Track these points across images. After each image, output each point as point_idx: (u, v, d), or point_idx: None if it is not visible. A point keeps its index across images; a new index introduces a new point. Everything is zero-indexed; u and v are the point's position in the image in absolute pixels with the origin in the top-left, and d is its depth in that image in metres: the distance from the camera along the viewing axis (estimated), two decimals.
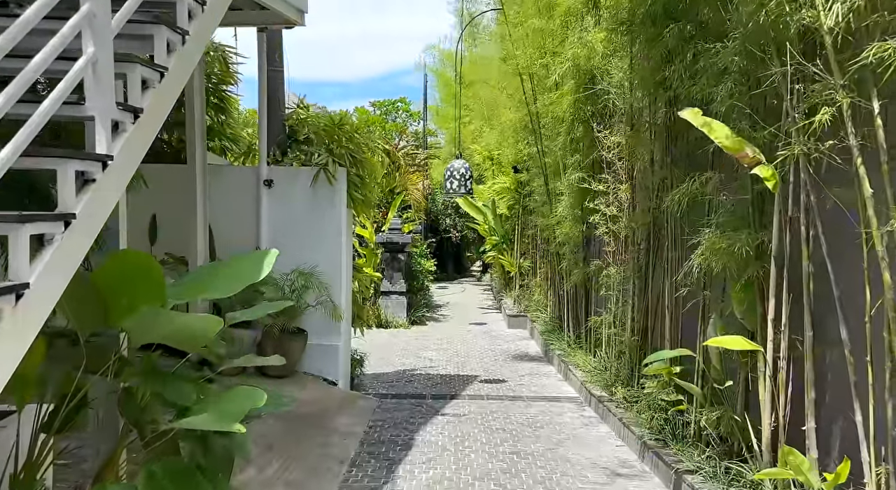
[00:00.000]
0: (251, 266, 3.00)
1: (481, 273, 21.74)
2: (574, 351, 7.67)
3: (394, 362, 8.81)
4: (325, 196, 6.42)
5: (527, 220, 11.94)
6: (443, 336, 10.85)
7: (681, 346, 4.62)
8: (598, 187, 6.09)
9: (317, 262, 6.35)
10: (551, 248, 9.04)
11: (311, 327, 6.39)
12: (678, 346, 4.68)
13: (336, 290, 6.42)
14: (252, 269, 2.97)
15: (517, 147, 10.57)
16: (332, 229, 6.46)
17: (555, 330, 9.12)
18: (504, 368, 8.43)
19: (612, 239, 6.10)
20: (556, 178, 8.21)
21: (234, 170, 6.76)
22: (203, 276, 3.57)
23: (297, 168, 6.44)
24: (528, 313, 11.39)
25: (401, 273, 11.91)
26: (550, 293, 9.87)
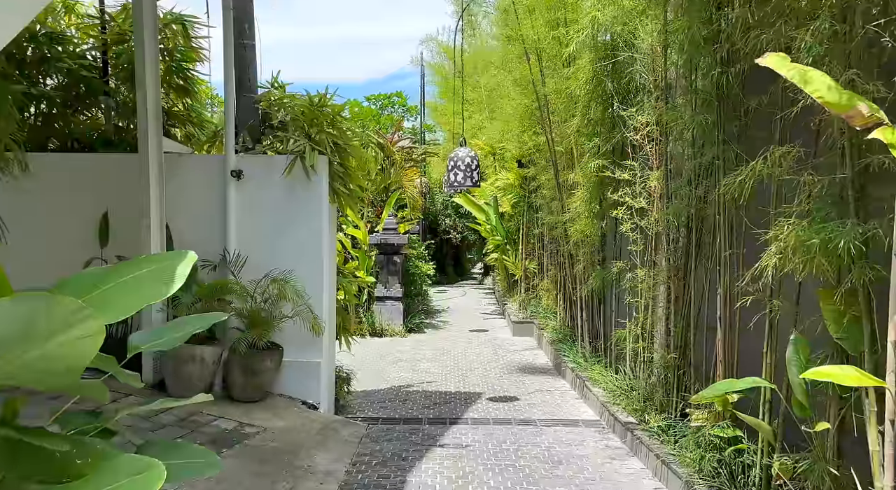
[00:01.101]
0: (156, 276, 2.04)
1: (482, 276, 20.84)
2: (591, 365, 6.75)
3: (387, 376, 7.90)
4: (304, 189, 5.50)
5: (532, 219, 11.03)
6: (442, 345, 9.94)
7: (738, 370, 3.71)
8: (623, 176, 5.18)
9: (293, 267, 5.44)
10: (562, 248, 8.13)
11: (288, 342, 5.47)
12: (734, 370, 3.76)
13: (317, 298, 5.50)
14: (156, 280, 2.01)
15: (522, 139, 9.65)
16: (312, 228, 5.55)
17: (566, 339, 8.20)
18: (511, 383, 7.51)
19: (639, 236, 5.19)
20: (569, 169, 7.30)
21: (197, 159, 5.84)
22: (84, 286, 2.58)
23: (271, 156, 5.53)
24: (534, 320, 10.48)
25: (396, 277, 11.00)
26: (560, 298, 8.95)
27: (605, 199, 5.95)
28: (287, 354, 5.48)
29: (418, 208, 12.80)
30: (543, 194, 8.81)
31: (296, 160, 5.40)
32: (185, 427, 4.72)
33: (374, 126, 12.34)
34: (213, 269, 5.52)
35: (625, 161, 5.27)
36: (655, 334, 4.97)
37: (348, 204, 6.02)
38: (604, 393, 5.99)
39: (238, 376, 5.25)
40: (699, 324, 4.30)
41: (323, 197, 5.55)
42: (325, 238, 5.63)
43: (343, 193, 5.73)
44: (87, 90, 5.87)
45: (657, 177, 4.80)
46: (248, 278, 5.40)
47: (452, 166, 6.41)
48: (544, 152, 8.58)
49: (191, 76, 6.32)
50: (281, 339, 5.45)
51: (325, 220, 5.61)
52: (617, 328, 6.01)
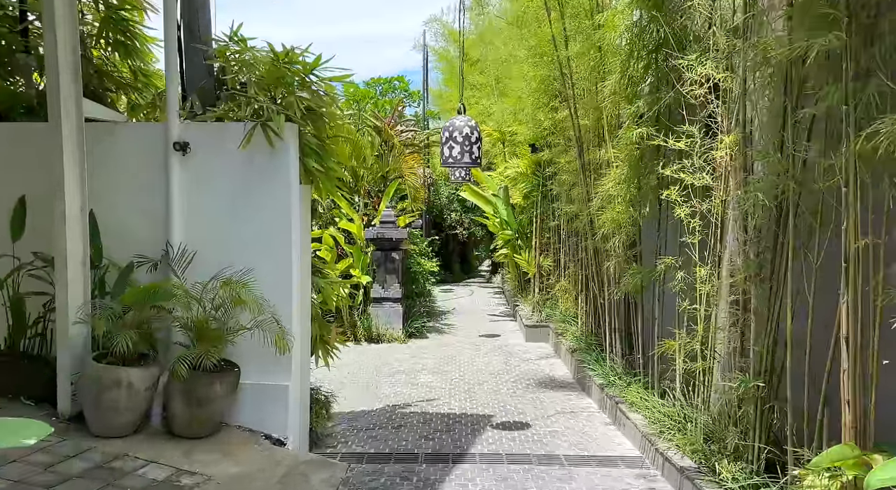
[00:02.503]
0: None
1: (490, 274, 19.65)
2: (625, 383, 5.56)
3: (381, 392, 6.73)
4: (267, 166, 4.32)
5: (547, 210, 9.82)
6: (446, 353, 8.76)
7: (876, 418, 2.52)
8: (676, 145, 3.98)
9: (254, 264, 4.27)
10: (585, 242, 6.93)
11: (247, 360, 4.30)
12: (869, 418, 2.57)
13: (284, 303, 4.33)
14: None
15: (536, 118, 8.45)
16: (278, 215, 4.37)
17: (590, 349, 7.00)
18: (526, 402, 6.32)
19: (698, 224, 3.99)
20: (595, 148, 6.10)
21: (133, 129, 4.64)
22: None
23: (225, 124, 4.35)
24: (549, 323, 9.28)
25: (395, 275, 9.83)
26: (582, 301, 7.76)
27: (647, 179, 4.76)
28: (246, 376, 4.31)
29: (420, 200, 11.60)
30: (562, 180, 7.60)
31: (255, 128, 4.22)
32: (99, 478, 3.56)
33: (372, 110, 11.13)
34: (153, 268, 4.35)
35: (679, 127, 4.06)
36: (725, 353, 3.77)
37: (326, 186, 4.83)
38: (645, 421, 4.80)
39: (179, 406, 4.07)
40: (797, 342, 3.11)
41: (291, 176, 4.36)
42: (295, 228, 4.45)
43: (318, 172, 4.54)
44: None
45: (729, 143, 3.59)
46: (197, 279, 4.22)
47: (447, 138, 5.15)
48: (564, 130, 7.38)
49: (136, 32, 5.15)
50: (238, 356, 4.28)
51: (295, 206, 4.43)
52: (662, 340, 4.82)
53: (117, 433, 3.95)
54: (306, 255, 4.69)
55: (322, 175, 4.70)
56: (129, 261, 4.33)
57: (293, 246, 4.41)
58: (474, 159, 5.09)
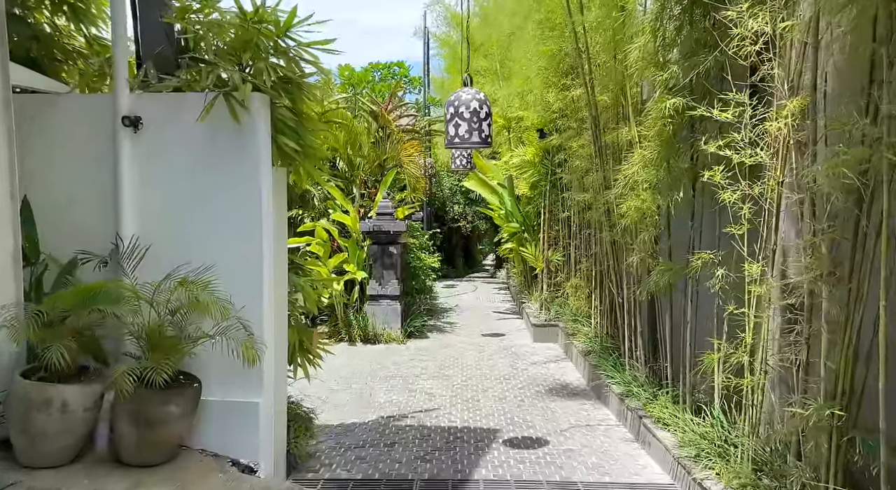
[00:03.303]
0: None
1: (495, 268, 18.99)
2: (650, 394, 4.89)
3: (375, 400, 6.09)
4: (232, 145, 3.66)
5: (557, 201, 9.14)
6: (447, 354, 8.11)
7: None
8: (722, 115, 3.30)
9: (216, 260, 3.63)
10: (601, 234, 6.25)
11: (210, 373, 3.66)
12: None
13: (253, 306, 3.68)
14: None
15: (545, 100, 7.76)
16: (245, 202, 3.71)
17: (607, 353, 6.33)
18: (537, 412, 5.67)
19: (746, 210, 3.31)
20: (614, 128, 5.41)
21: (75, 101, 3.96)
22: None
23: (183, 95, 3.69)
24: (559, 322, 8.63)
25: (393, 271, 9.17)
26: (597, 299, 7.09)
27: (680, 160, 4.08)
28: (209, 391, 3.67)
29: (421, 190, 10.93)
30: (575, 167, 6.92)
31: (216, 99, 3.55)
32: None
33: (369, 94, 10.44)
34: (101, 265, 3.71)
35: (722, 94, 3.38)
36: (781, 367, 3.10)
37: (307, 169, 4.16)
38: (675, 441, 4.14)
39: (126, 428, 3.42)
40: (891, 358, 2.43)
41: (261, 156, 3.70)
42: (267, 217, 3.79)
43: (294, 152, 3.87)
44: None
45: (793, 110, 2.91)
46: (152, 277, 3.58)
47: (452, 115, 4.43)
48: (577, 111, 6.69)
49: None
50: (199, 368, 3.64)
51: (266, 191, 3.76)
52: (695, 347, 4.16)
53: (50, 463, 3.30)
54: (281, 248, 4.03)
55: (300, 155, 4.04)
56: (72, 256, 3.69)
57: (264, 238, 3.75)
58: (484, 138, 4.36)
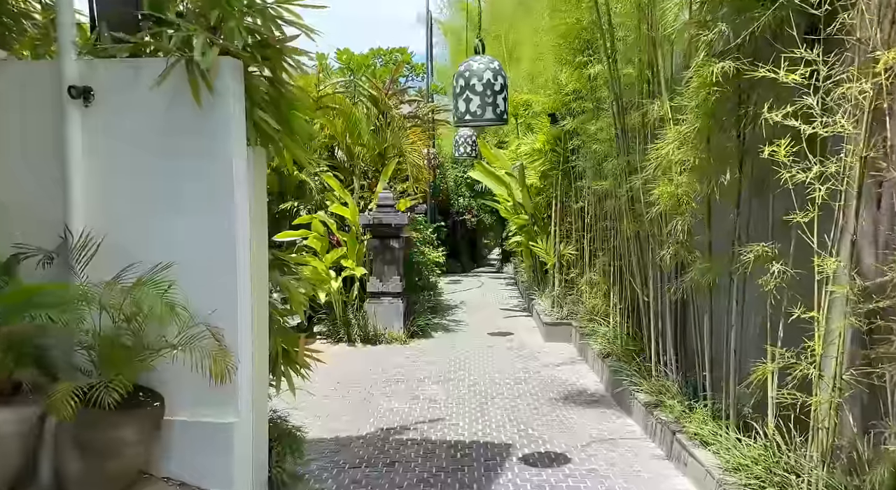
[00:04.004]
0: None
1: (501, 263, 18.43)
2: (683, 406, 4.32)
3: (374, 408, 5.53)
4: (200, 120, 3.09)
5: (570, 191, 8.55)
6: (453, 356, 7.55)
7: None
8: (789, 78, 2.71)
9: (183, 258, 3.07)
10: (623, 226, 5.67)
11: (176, 388, 3.11)
12: None
13: (227, 311, 3.12)
14: None
15: (558, 80, 7.17)
16: (215, 188, 3.14)
17: (630, 356, 5.76)
18: (553, 423, 5.11)
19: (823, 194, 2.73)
20: (639, 107, 4.82)
21: (13, 69, 3.38)
22: None
23: (140, 62, 3.12)
24: (573, 321, 8.06)
25: (395, 267, 8.60)
26: (616, 296, 6.51)
27: (725, 136, 3.50)
28: (176, 410, 3.11)
29: (424, 180, 10.34)
30: (593, 152, 6.33)
31: (176, 64, 2.98)
32: None
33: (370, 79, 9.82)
34: (48, 262, 3.15)
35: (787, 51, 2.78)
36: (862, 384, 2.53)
37: (291, 149, 3.58)
38: (718, 462, 3.57)
39: (71, 456, 2.88)
40: None
41: (232, 132, 3.12)
42: (241, 205, 3.21)
43: (269, 131, 3.30)
44: None
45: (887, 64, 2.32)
46: (108, 276, 3.02)
47: (462, 88, 3.79)
48: (595, 91, 6.11)
49: None
50: (162, 383, 3.09)
51: (240, 174, 3.19)
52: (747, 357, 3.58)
53: None
54: (261, 242, 3.46)
55: (283, 134, 3.46)
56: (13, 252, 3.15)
57: (239, 229, 3.18)
58: (499, 115, 3.73)
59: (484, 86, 3.77)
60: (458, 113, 3.93)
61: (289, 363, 3.65)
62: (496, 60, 3.91)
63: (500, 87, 3.82)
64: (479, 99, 3.79)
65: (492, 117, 3.84)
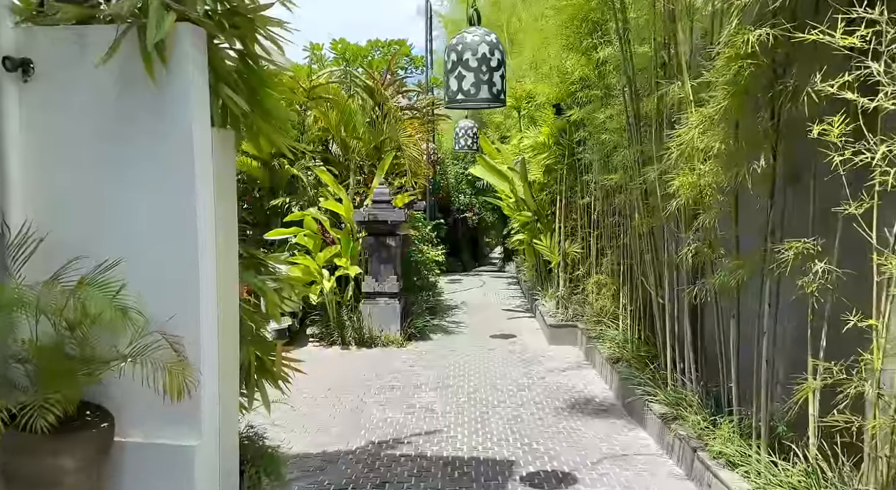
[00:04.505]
0: None
1: (502, 262, 18.01)
2: (706, 420, 3.90)
3: (366, 419, 5.11)
4: (156, 97, 2.68)
5: (576, 185, 8.13)
6: (452, 360, 7.14)
7: None
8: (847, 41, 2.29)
9: (132, 255, 2.67)
10: (635, 222, 5.25)
11: (129, 406, 2.71)
12: None
13: (187, 317, 2.71)
14: None
15: (564, 68, 6.75)
16: (173, 176, 2.73)
17: (642, 362, 5.34)
18: (559, 436, 4.69)
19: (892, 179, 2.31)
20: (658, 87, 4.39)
21: None
22: None
23: (87, 28, 2.71)
24: (579, 323, 7.65)
25: (391, 265, 8.19)
26: (626, 297, 6.09)
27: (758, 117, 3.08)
28: (129, 431, 2.71)
29: (423, 175, 9.92)
30: (602, 143, 5.91)
31: (128, 32, 2.56)
32: None
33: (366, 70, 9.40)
34: None
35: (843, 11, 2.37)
36: None
37: (266, 133, 3.17)
38: (749, 487, 3.15)
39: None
40: None
41: (193, 112, 2.70)
42: (204, 195, 2.80)
43: (241, 111, 2.88)
44: None
45: None
46: (44, 275, 2.62)
47: (455, 63, 3.30)
48: (605, 76, 5.69)
49: None
50: (113, 400, 2.69)
51: (203, 160, 2.78)
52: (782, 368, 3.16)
53: None
54: (229, 238, 3.04)
55: (255, 115, 3.05)
56: None
57: (201, 223, 2.77)
58: (496, 94, 3.27)
59: (479, 61, 3.33)
60: (449, 92, 3.49)
61: (264, 375, 3.24)
62: (493, 33, 3.47)
63: (498, 62, 3.38)
64: (472, 76, 3.35)
65: (487, 97, 3.39)
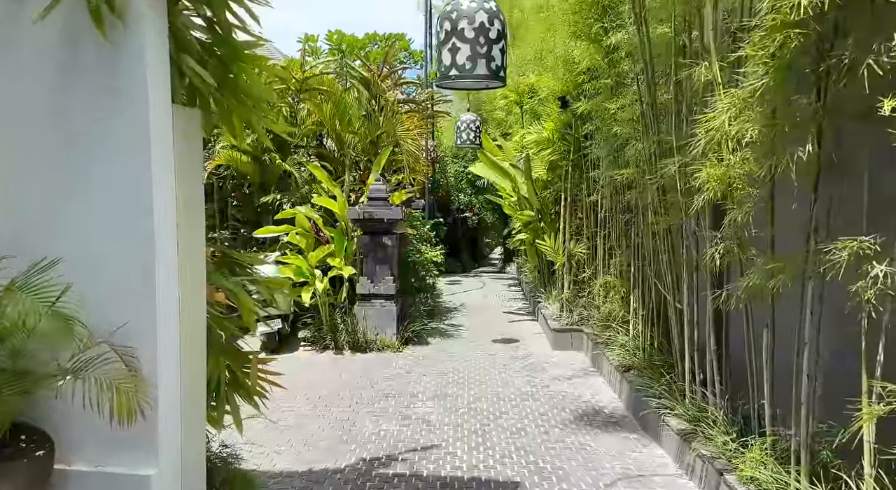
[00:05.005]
0: None
1: (503, 262, 17.62)
2: (734, 440, 3.51)
3: (357, 432, 4.72)
4: (103, 66, 2.29)
5: (582, 182, 7.75)
6: (451, 367, 6.75)
7: None
8: None
9: (75, 252, 2.29)
10: (652, 219, 4.86)
11: (74, 428, 2.33)
12: None
13: (142, 325, 2.32)
14: None
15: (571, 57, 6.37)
16: (126, 160, 2.34)
17: (656, 371, 4.95)
18: (567, 453, 4.30)
19: None
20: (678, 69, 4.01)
21: None
22: None
23: None
24: (585, 327, 7.26)
25: (387, 266, 7.80)
26: (636, 301, 5.71)
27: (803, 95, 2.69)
28: (70, 457, 2.33)
29: (421, 172, 9.53)
30: (612, 136, 5.52)
31: None
32: None
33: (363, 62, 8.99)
34: None
35: None
36: None
37: (243, 116, 2.77)
38: None
39: None
40: None
41: (150, 86, 2.31)
42: (162, 183, 2.41)
43: (208, 86, 2.49)
44: None
45: None
46: None
47: (448, 34, 2.89)
48: (616, 64, 5.30)
49: None
50: (54, 421, 2.31)
51: (160, 139, 2.39)
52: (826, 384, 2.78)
53: None
54: (194, 234, 2.65)
55: (226, 92, 2.66)
56: None
57: (159, 216, 2.38)
58: (495, 71, 2.87)
59: (476, 31, 2.91)
60: (442, 68, 3.07)
61: (236, 390, 2.85)
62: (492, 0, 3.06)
63: (497, 34, 2.96)
64: (468, 48, 2.94)
65: (485, 73, 2.98)
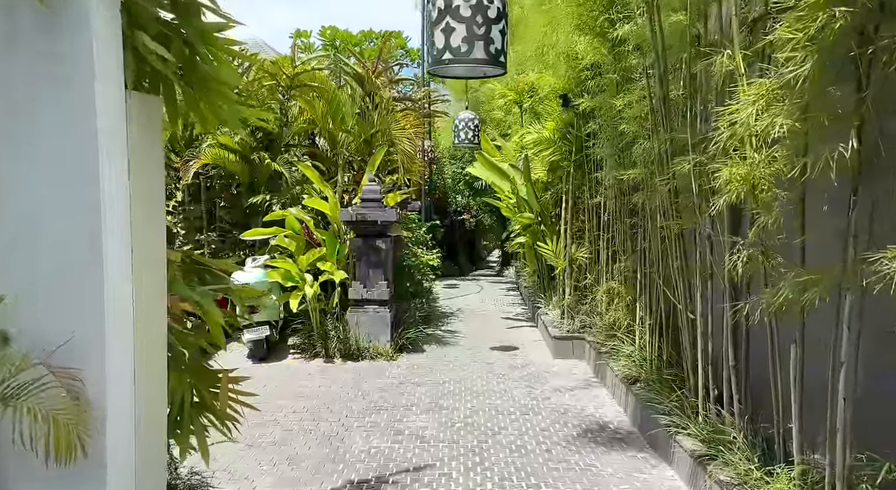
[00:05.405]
0: None
1: (501, 266, 17.31)
2: (758, 469, 3.20)
3: (346, 449, 4.39)
4: (45, 42, 1.98)
5: (584, 184, 7.44)
6: (447, 377, 6.43)
7: None
8: None
9: (6, 256, 1.97)
10: (662, 222, 4.55)
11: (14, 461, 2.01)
12: None
13: (88, 343, 2.00)
14: None
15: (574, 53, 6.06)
16: (71, 153, 2.02)
17: (666, 386, 4.64)
18: (571, 475, 3.98)
19: None
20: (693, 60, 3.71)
21: None
22: None
23: None
24: (587, 335, 6.95)
25: (381, 270, 7.48)
26: (643, 310, 5.40)
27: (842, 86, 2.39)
28: None
29: (417, 172, 9.22)
30: (618, 134, 5.22)
31: None
32: None
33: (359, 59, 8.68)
34: None
35: None
36: None
37: (210, 103, 2.46)
38: None
39: None
40: None
41: (98, 68, 2.00)
42: (112, 176, 2.09)
43: (167, 67, 2.18)
44: None
45: None
46: None
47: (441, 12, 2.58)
48: (623, 58, 5.00)
49: None
50: None
51: (111, 130, 2.08)
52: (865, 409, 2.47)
53: None
54: (152, 237, 2.33)
55: (189, 76, 2.35)
56: None
57: (107, 213, 2.07)
58: (494, 55, 2.57)
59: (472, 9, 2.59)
60: (434, 52, 2.74)
61: (202, 413, 2.53)
62: None
63: (497, 13, 2.64)
64: (464, 28, 2.61)
65: (483, 57, 2.66)
